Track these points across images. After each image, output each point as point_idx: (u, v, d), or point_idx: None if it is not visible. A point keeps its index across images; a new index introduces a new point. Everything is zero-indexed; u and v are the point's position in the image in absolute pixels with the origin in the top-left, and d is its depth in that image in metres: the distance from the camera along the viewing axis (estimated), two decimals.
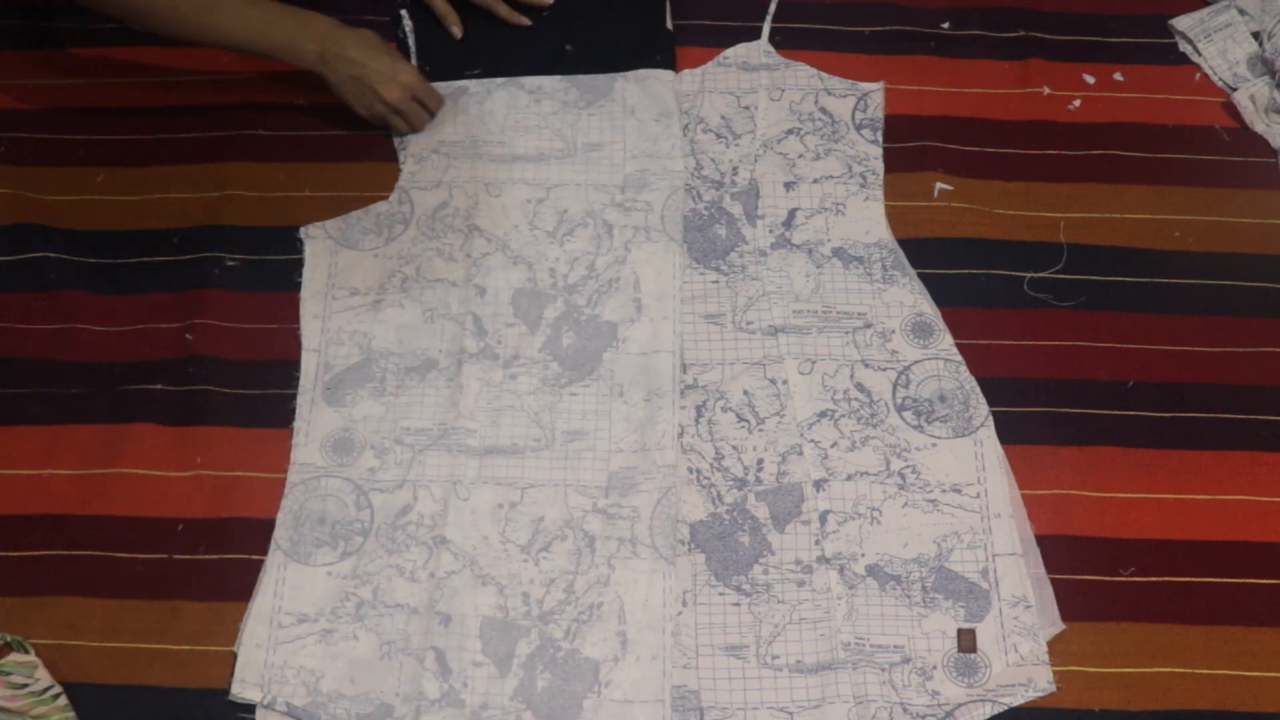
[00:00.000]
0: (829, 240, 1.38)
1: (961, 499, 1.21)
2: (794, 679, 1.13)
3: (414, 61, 1.51)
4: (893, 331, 1.31)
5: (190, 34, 1.34)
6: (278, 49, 1.35)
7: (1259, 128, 1.47)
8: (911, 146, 1.45)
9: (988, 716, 1.11)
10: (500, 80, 1.49)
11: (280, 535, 1.19)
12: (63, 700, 1.10)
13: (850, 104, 1.48)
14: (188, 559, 1.19)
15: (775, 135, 1.45)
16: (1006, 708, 1.11)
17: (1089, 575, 1.18)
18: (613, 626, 1.15)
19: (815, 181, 1.42)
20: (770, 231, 1.38)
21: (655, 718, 1.10)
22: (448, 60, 1.51)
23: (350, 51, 1.37)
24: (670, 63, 1.50)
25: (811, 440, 1.25)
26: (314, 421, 1.26)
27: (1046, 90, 1.50)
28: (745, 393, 1.28)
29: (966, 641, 1.14)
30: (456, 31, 1.52)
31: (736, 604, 1.16)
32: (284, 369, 1.29)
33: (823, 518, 1.21)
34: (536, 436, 1.25)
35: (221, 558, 1.19)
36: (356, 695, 1.11)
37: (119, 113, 1.48)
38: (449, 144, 1.45)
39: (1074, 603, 1.16)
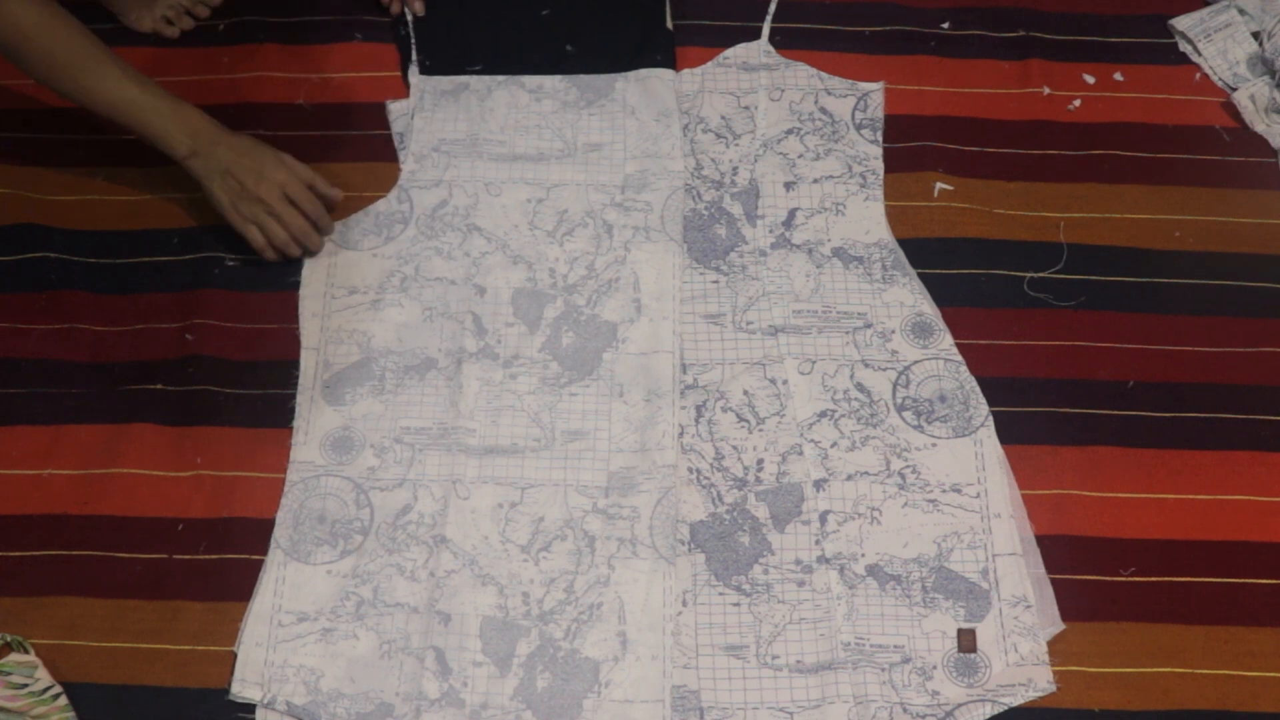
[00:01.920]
0: (829, 240, 1.38)
1: (961, 499, 1.21)
2: (794, 679, 1.13)
3: (415, 57, 1.51)
4: (893, 331, 1.31)
5: (65, 89, 1.28)
6: (149, 131, 1.29)
7: (1259, 128, 1.47)
8: (911, 146, 1.45)
9: (988, 716, 1.11)
10: (501, 78, 1.49)
11: (280, 534, 1.19)
12: (63, 700, 1.10)
13: (850, 104, 1.48)
14: (188, 559, 1.19)
15: (775, 135, 1.45)
16: (1006, 708, 1.11)
17: (1089, 575, 1.18)
18: (613, 626, 1.15)
19: (815, 181, 1.42)
20: (770, 231, 1.38)
21: (655, 718, 1.10)
22: (448, 57, 1.51)
23: (221, 148, 1.30)
24: (670, 63, 1.51)
25: (811, 440, 1.25)
26: (313, 420, 1.26)
27: (1046, 90, 1.50)
28: (745, 393, 1.28)
29: (966, 641, 1.14)
30: (419, 8, 1.54)
31: (736, 604, 1.16)
32: (284, 369, 1.29)
33: (823, 518, 1.21)
34: (536, 436, 1.25)
35: (221, 558, 1.19)
36: (356, 694, 1.11)
37: None
38: (449, 142, 1.45)
39: (1074, 603, 1.16)
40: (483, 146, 1.44)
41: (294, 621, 1.15)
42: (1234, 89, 1.50)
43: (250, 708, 1.11)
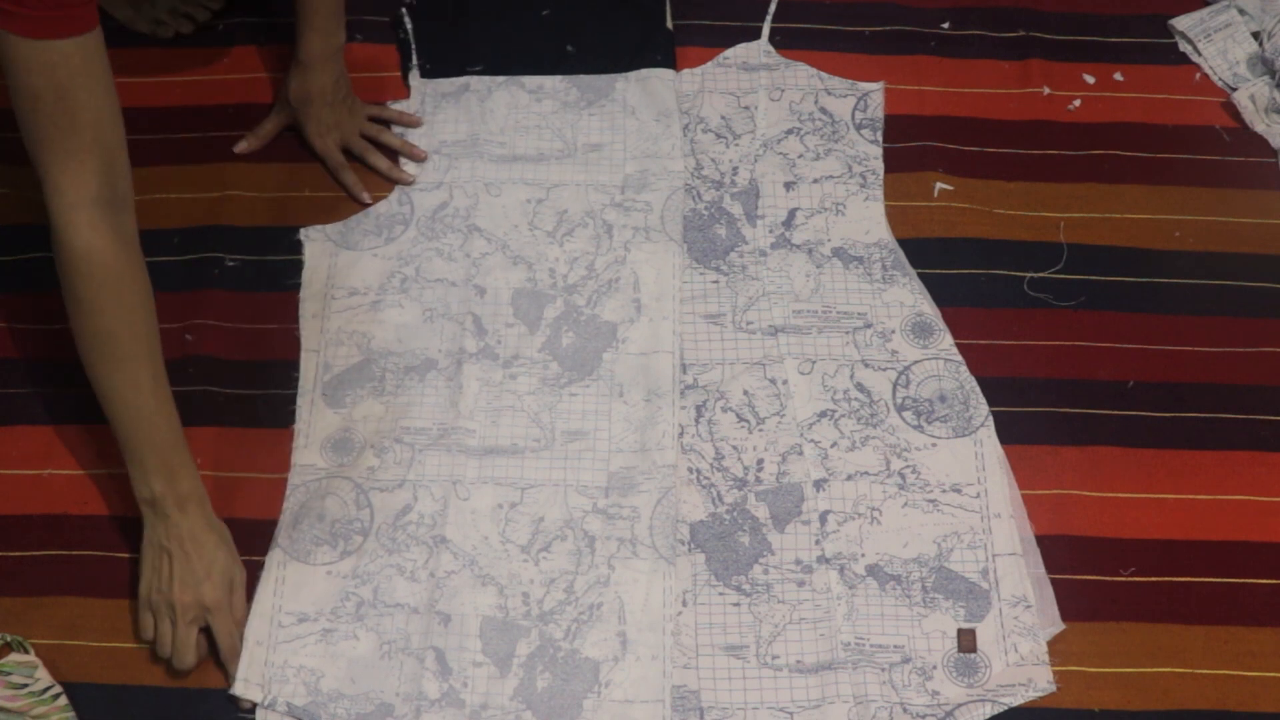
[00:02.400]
0: (829, 240, 1.38)
1: (961, 499, 1.21)
2: (794, 679, 1.13)
3: (415, 59, 1.51)
4: (893, 331, 1.31)
5: (86, 368, 1.10)
6: (128, 456, 1.11)
7: (1259, 128, 1.47)
8: (911, 146, 1.45)
9: (988, 716, 1.11)
10: (501, 79, 1.49)
11: (280, 534, 1.19)
12: (63, 700, 1.10)
13: (850, 104, 1.48)
14: None
15: (775, 135, 1.45)
16: (1006, 708, 1.11)
17: (1089, 575, 1.18)
18: (613, 626, 1.15)
19: (815, 181, 1.42)
20: (770, 231, 1.38)
21: (655, 718, 1.10)
22: (449, 58, 1.51)
23: (183, 525, 1.10)
24: (670, 63, 1.51)
25: (811, 440, 1.25)
26: (314, 423, 1.26)
27: (1046, 90, 1.50)
28: (745, 393, 1.28)
29: (966, 641, 1.14)
30: (367, 198, 1.40)
31: (736, 604, 1.16)
32: (284, 369, 1.29)
33: (823, 518, 1.20)
34: (536, 437, 1.25)
35: None
36: (356, 695, 1.11)
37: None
38: (450, 144, 1.45)
39: (1074, 603, 1.16)
40: (483, 147, 1.44)
41: (294, 622, 1.15)
42: (1234, 89, 1.50)
43: (250, 708, 1.11)
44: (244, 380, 1.28)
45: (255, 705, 1.11)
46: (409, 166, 1.42)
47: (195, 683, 1.12)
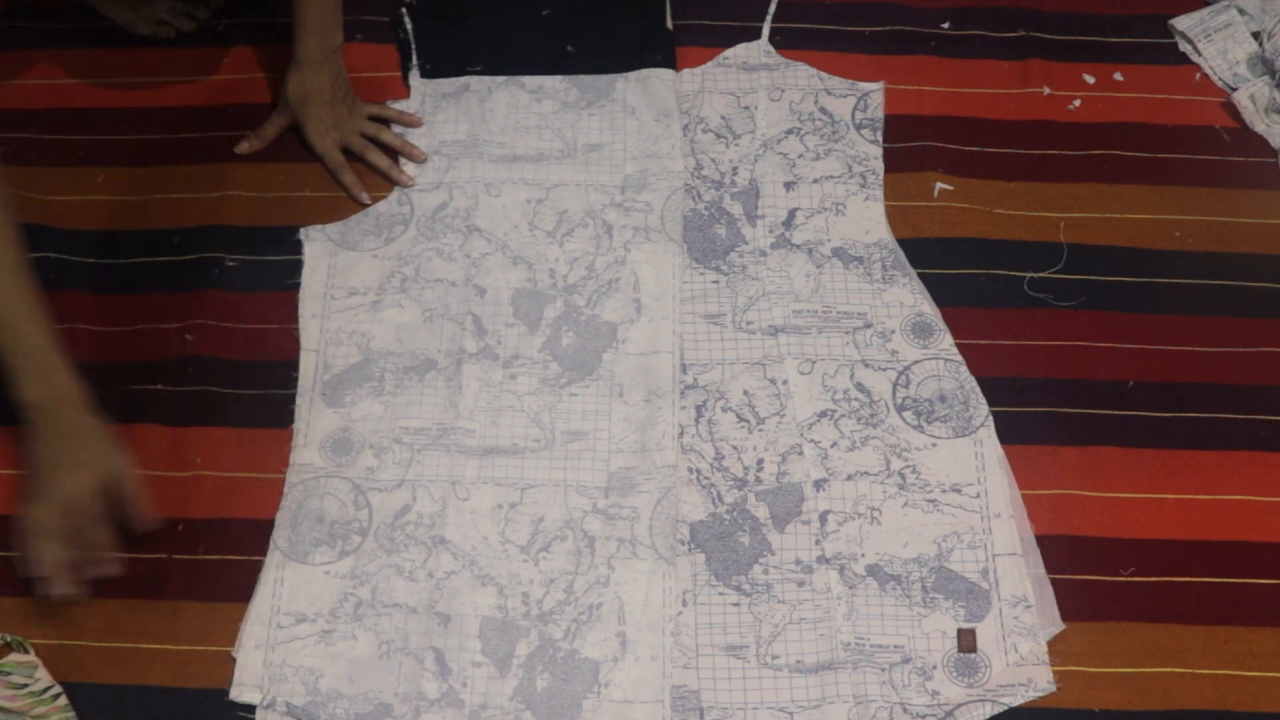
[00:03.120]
0: (829, 240, 1.38)
1: (961, 499, 1.21)
2: (794, 679, 1.13)
3: (415, 59, 1.51)
4: (893, 331, 1.31)
5: None
6: (6, 357, 1.10)
7: (1259, 128, 1.47)
8: (911, 146, 1.45)
9: (988, 716, 1.11)
10: (501, 79, 1.49)
11: (279, 535, 1.19)
12: (63, 700, 1.10)
13: (850, 104, 1.48)
14: (187, 559, 1.19)
15: (775, 135, 1.45)
16: (1006, 708, 1.11)
17: (1089, 575, 1.18)
18: (612, 627, 1.15)
19: (815, 181, 1.42)
20: (770, 231, 1.38)
21: (655, 718, 1.10)
22: (449, 58, 1.51)
23: (61, 418, 1.10)
24: (670, 63, 1.50)
25: (811, 440, 1.25)
26: (313, 422, 1.26)
27: (1046, 90, 1.50)
28: (745, 393, 1.28)
29: (966, 641, 1.14)
30: (366, 199, 1.40)
31: (736, 604, 1.16)
32: (283, 369, 1.29)
33: (823, 518, 1.20)
34: (536, 437, 1.25)
35: (221, 558, 1.19)
36: (355, 695, 1.11)
37: (119, 113, 1.48)
38: (450, 144, 1.45)
39: (1074, 603, 1.16)
40: (483, 147, 1.44)
41: (293, 623, 1.15)
42: (1234, 89, 1.50)
43: (250, 708, 1.11)
44: (244, 380, 1.29)
45: (255, 705, 1.11)
46: (408, 168, 1.42)
47: (196, 683, 1.12)
